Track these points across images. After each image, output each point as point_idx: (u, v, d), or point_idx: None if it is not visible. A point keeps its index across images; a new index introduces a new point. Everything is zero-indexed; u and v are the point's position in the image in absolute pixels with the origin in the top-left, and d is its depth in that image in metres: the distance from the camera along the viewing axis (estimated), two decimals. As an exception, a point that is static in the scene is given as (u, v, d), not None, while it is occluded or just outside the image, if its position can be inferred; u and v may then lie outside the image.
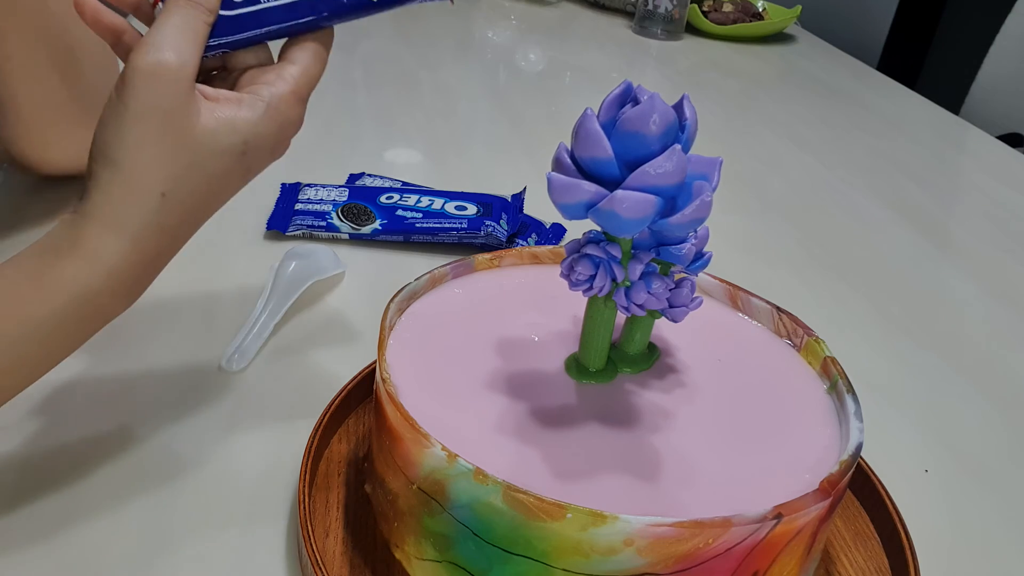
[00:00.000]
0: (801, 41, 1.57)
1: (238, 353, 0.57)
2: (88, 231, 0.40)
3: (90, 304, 0.41)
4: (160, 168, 0.40)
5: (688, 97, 0.39)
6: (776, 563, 0.37)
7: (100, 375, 0.55)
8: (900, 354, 0.68)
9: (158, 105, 0.39)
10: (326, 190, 0.75)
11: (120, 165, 0.40)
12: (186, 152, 0.40)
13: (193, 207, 0.42)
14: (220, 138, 0.41)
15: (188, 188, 0.41)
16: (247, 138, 0.42)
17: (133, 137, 0.39)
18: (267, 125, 0.42)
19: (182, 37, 0.40)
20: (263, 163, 0.44)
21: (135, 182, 0.40)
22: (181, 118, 0.40)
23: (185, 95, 0.40)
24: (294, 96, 0.43)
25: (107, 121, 0.40)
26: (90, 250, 0.40)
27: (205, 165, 0.41)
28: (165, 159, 0.40)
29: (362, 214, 0.72)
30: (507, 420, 0.41)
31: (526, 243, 0.74)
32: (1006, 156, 1.14)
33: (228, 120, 0.41)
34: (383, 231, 0.72)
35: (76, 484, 0.47)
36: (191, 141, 0.40)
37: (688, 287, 0.43)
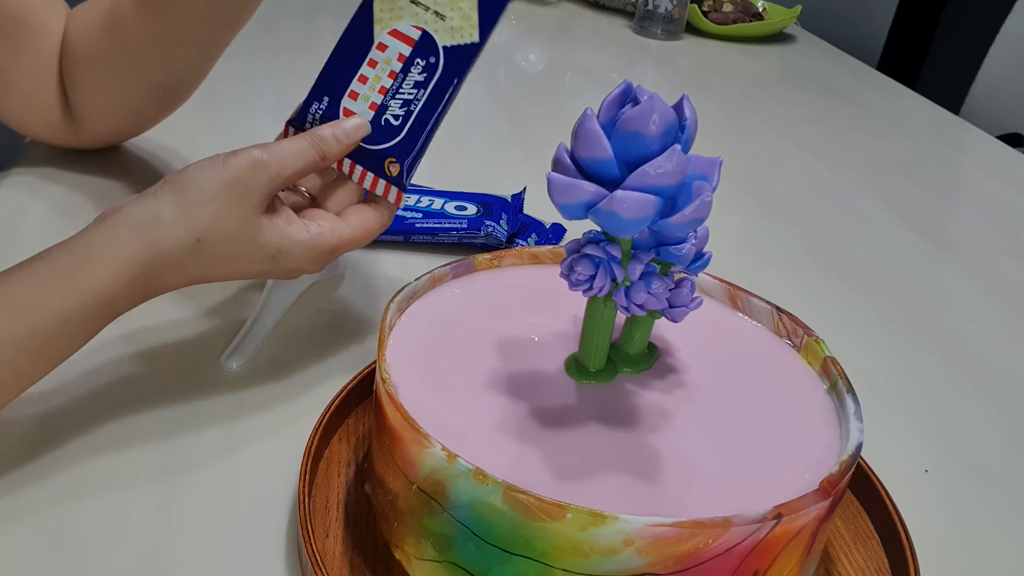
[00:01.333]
0: (801, 41, 1.57)
1: (238, 353, 0.57)
2: (123, 235, 0.46)
3: (110, 306, 0.47)
4: (211, 221, 0.47)
5: (688, 97, 0.39)
6: (776, 563, 0.37)
7: (100, 375, 0.55)
8: (900, 354, 0.68)
9: (245, 183, 0.47)
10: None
11: (186, 199, 0.47)
12: (236, 225, 0.48)
13: (212, 264, 0.49)
14: (264, 235, 0.49)
15: (218, 250, 0.48)
16: (281, 249, 0.49)
17: (210, 190, 0.47)
18: (300, 251, 0.50)
19: (292, 157, 0.49)
20: (279, 274, 0.51)
21: (186, 217, 0.47)
22: (253, 204, 0.48)
23: (267, 193, 0.48)
24: (331, 249, 0.51)
25: (201, 168, 0.48)
26: (119, 258, 0.46)
27: (241, 245, 0.48)
28: (219, 218, 0.47)
29: None
30: (507, 420, 0.41)
31: (526, 243, 0.74)
32: (1006, 156, 1.14)
33: (277, 227, 0.49)
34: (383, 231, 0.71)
35: (75, 484, 0.47)
36: (245, 222, 0.48)
37: (688, 287, 0.43)
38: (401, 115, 0.52)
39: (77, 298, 0.45)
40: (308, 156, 0.50)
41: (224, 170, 0.48)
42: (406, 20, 0.51)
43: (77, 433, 0.50)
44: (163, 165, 0.81)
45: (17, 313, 0.45)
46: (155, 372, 0.56)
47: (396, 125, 0.52)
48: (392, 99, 0.52)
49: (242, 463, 0.50)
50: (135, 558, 0.43)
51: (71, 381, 0.54)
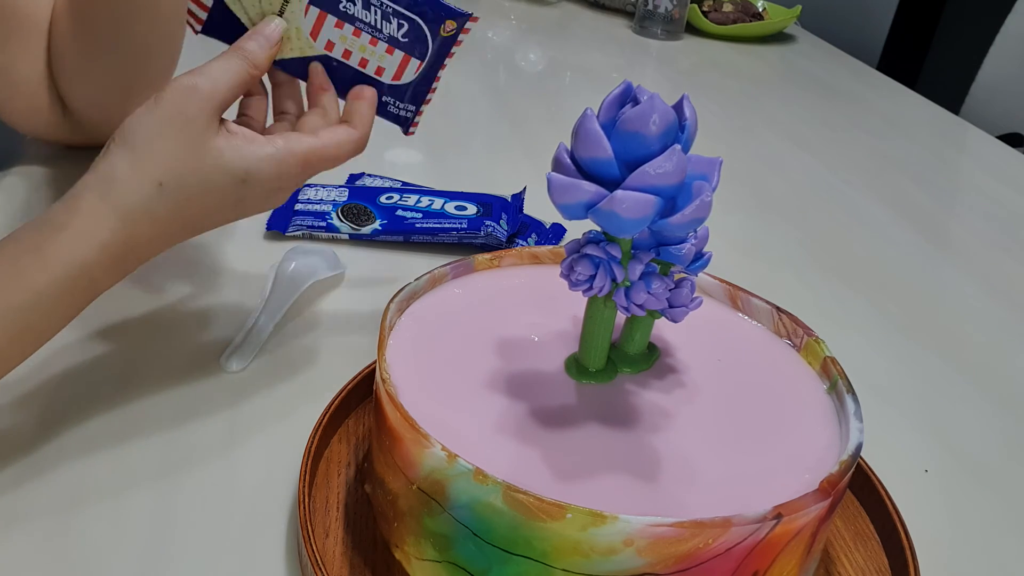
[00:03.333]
0: (801, 41, 1.57)
1: (238, 353, 0.57)
2: (85, 201, 0.45)
3: (85, 276, 0.45)
4: (165, 160, 0.45)
5: (688, 97, 0.39)
6: (776, 563, 0.37)
7: (100, 375, 0.55)
8: (900, 354, 0.68)
9: (183, 112, 0.46)
10: (326, 190, 0.75)
11: (133, 148, 0.45)
12: (192, 157, 0.46)
13: (184, 206, 0.47)
14: (225, 158, 0.47)
15: (184, 187, 0.46)
16: (248, 168, 0.47)
17: (154, 130, 0.45)
18: (268, 166, 0.48)
19: (223, 74, 0.47)
20: (257, 201, 0.49)
21: (140, 165, 0.45)
22: (199, 130, 0.46)
23: (208, 114, 0.46)
24: (302, 159, 0.49)
25: (139, 115, 0.46)
26: (85, 224, 0.44)
27: (205, 175, 0.46)
28: (172, 154, 0.45)
29: (362, 214, 0.72)
30: (507, 420, 0.41)
31: (526, 243, 0.74)
32: (1006, 156, 1.14)
33: (237, 147, 0.47)
34: (383, 231, 0.72)
35: (75, 484, 0.47)
36: (200, 150, 0.46)
37: (688, 287, 0.43)
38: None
39: (49, 271, 0.44)
40: (237, 69, 0.48)
41: (158, 107, 0.46)
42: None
43: (77, 433, 0.50)
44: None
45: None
46: (155, 372, 0.56)
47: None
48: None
49: (242, 463, 0.50)
50: (135, 558, 0.43)
51: (71, 381, 0.54)
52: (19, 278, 0.43)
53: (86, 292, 0.46)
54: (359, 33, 0.52)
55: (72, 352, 0.56)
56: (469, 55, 1.32)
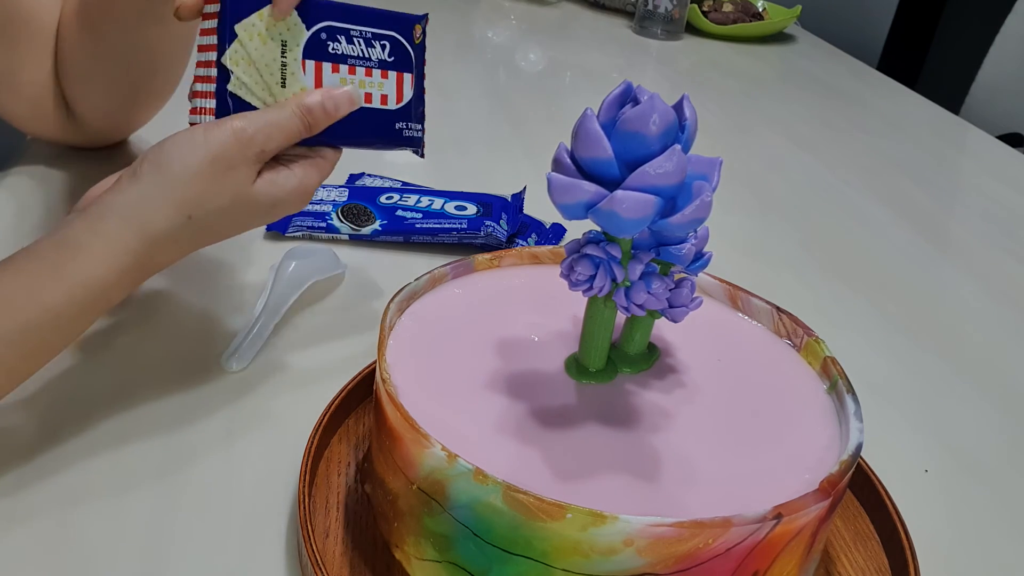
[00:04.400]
0: (801, 41, 1.57)
1: (238, 353, 0.57)
2: (110, 224, 0.45)
3: (103, 296, 0.46)
4: (199, 198, 0.47)
5: (688, 97, 0.39)
6: (776, 563, 0.37)
7: (100, 375, 0.55)
8: (900, 354, 0.68)
9: (229, 159, 0.47)
10: (326, 190, 0.75)
11: (170, 179, 0.46)
12: (226, 199, 0.48)
13: (207, 235, 0.49)
14: (259, 196, 0.49)
15: (211, 222, 0.48)
16: (276, 201, 0.50)
17: (194, 167, 0.46)
18: (294, 196, 0.50)
19: (277, 132, 0.48)
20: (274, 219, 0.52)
21: (173, 197, 0.46)
22: (239, 180, 0.48)
23: (252, 165, 0.48)
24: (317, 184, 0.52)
25: (180, 142, 0.47)
26: (109, 248, 0.45)
27: (235, 214, 0.49)
28: (207, 193, 0.47)
29: (362, 215, 0.72)
30: (507, 420, 0.41)
31: (526, 243, 0.74)
32: (1006, 156, 1.14)
33: (269, 184, 0.49)
34: (383, 232, 0.72)
35: (76, 484, 0.47)
36: (236, 195, 0.48)
37: (688, 287, 0.43)
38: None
39: (68, 292, 0.44)
40: (293, 128, 0.49)
41: (206, 145, 0.46)
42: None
43: (77, 433, 0.50)
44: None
45: (7, 310, 0.44)
46: (155, 372, 0.56)
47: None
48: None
49: (242, 463, 0.50)
50: (135, 558, 0.43)
51: (71, 382, 0.54)
52: (38, 297, 0.44)
53: (101, 309, 0.47)
54: (354, 70, 0.52)
55: (72, 352, 0.56)
56: (469, 55, 1.32)
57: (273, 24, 0.49)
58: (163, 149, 0.47)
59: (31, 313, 0.44)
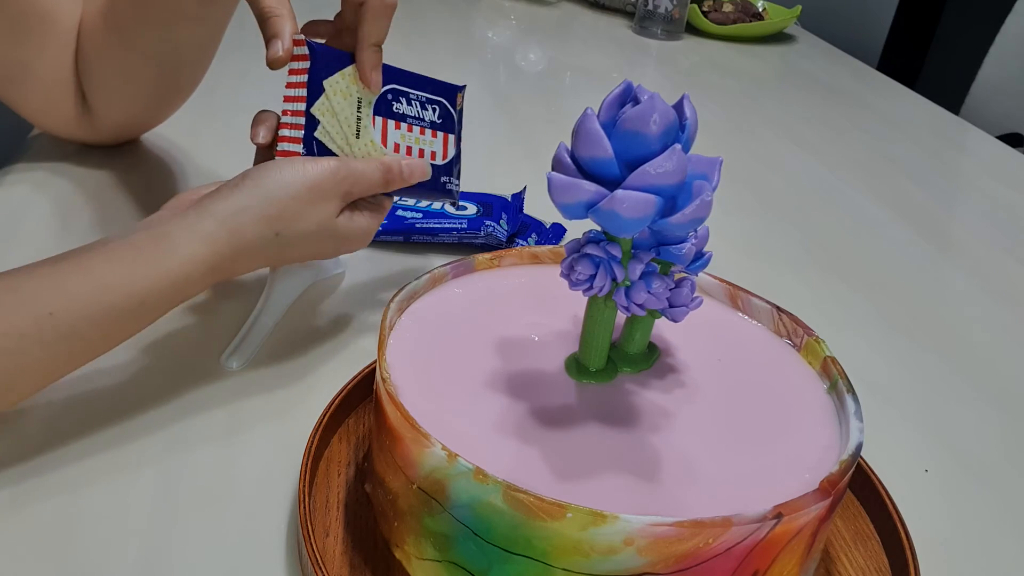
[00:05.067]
0: (801, 41, 1.57)
1: (238, 353, 0.57)
2: (207, 226, 0.49)
3: (183, 291, 0.50)
4: (291, 218, 0.51)
5: (688, 97, 0.39)
6: (776, 563, 0.37)
7: (100, 374, 0.55)
8: (900, 354, 0.68)
9: (324, 190, 0.52)
10: None
11: (269, 198, 0.51)
12: (315, 224, 0.52)
13: (287, 254, 0.53)
14: (340, 230, 0.54)
15: (294, 242, 0.52)
16: (348, 236, 0.55)
17: (292, 191, 0.51)
18: (361, 235, 0.56)
19: (363, 179, 0.54)
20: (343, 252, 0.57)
21: (268, 213, 0.51)
22: (328, 211, 0.53)
23: (341, 200, 0.54)
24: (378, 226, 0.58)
25: (283, 165, 0.52)
26: (202, 247, 0.49)
27: (318, 238, 0.53)
28: (300, 217, 0.52)
29: None
30: (507, 420, 0.41)
31: (526, 243, 0.74)
32: (1006, 156, 1.14)
33: (347, 221, 0.54)
34: (383, 231, 0.71)
35: (75, 484, 0.47)
36: (324, 222, 0.53)
37: (688, 287, 0.43)
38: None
39: (157, 282, 0.48)
40: (375, 181, 0.55)
41: (305, 172, 0.52)
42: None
43: (77, 432, 0.50)
44: (164, 162, 0.81)
45: (99, 291, 0.47)
46: (155, 371, 0.56)
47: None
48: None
49: (242, 463, 0.50)
50: (135, 557, 0.43)
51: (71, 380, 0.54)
52: (129, 283, 0.47)
53: (177, 302, 0.50)
54: (412, 128, 0.59)
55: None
56: (469, 55, 1.32)
57: (354, 83, 0.56)
58: (267, 168, 0.52)
59: (119, 296, 0.47)
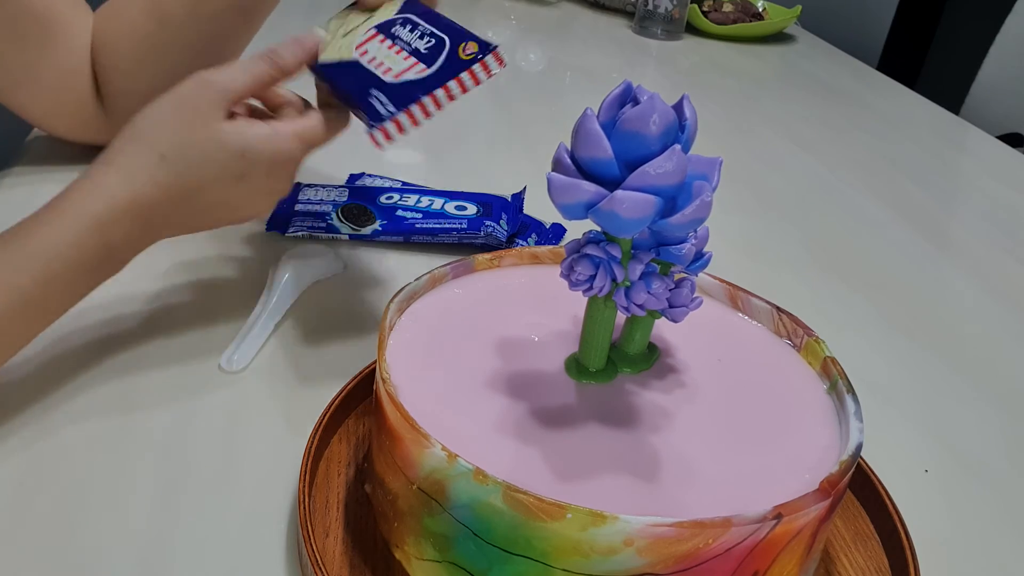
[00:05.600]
0: (801, 41, 1.57)
1: (238, 353, 0.57)
2: (97, 169, 0.49)
3: (98, 232, 0.48)
4: (168, 137, 0.50)
5: (688, 97, 0.39)
6: (776, 563, 0.37)
7: (100, 375, 0.55)
8: (900, 354, 0.68)
9: (193, 102, 0.50)
10: (326, 190, 0.75)
11: (141, 131, 0.50)
12: (194, 135, 0.50)
13: (185, 174, 0.50)
14: (224, 136, 0.50)
15: (185, 158, 0.50)
16: (246, 144, 0.51)
17: (161, 117, 0.50)
18: (265, 144, 0.51)
19: (241, 73, 0.52)
20: (260, 179, 0.52)
21: (145, 141, 0.50)
22: (204, 117, 0.50)
23: (216, 105, 0.50)
24: (296, 136, 0.52)
25: (148, 107, 0.51)
26: (95, 183, 0.49)
27: (205, 149, 0.50)
28: (175, 132, 0.50)
29: (362, 215, 0.72)
30: (507, 420, 0.41)
31: (526, 243, 0.74)
32: (1006, 156, 1.14)
33: (236, 127, 0.51)
34: (383, 232, 0.71)
35: (75, 484, 0.47)
36: (202, 130, 0.50)
37: (688, 287, 0.43)
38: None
39: (72, 226, 0.47)
40: (258, 68, 0.52)
41: (171, 96, 0.50)
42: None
43: (77, 432, 0.50)
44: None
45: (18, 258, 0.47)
46: (155, 372, 0.56)
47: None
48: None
49: (242, 463, 0.50)
50: (135, 558, 0.43)
51: (71, 380, 0.54)
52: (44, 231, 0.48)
53: (101, 252, 0.49)
54: (392, 46, 0.55)
55: (72, 352, 0.56)
56: (469, 55, 1.32)
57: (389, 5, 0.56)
58: (135, 117, 0.51)
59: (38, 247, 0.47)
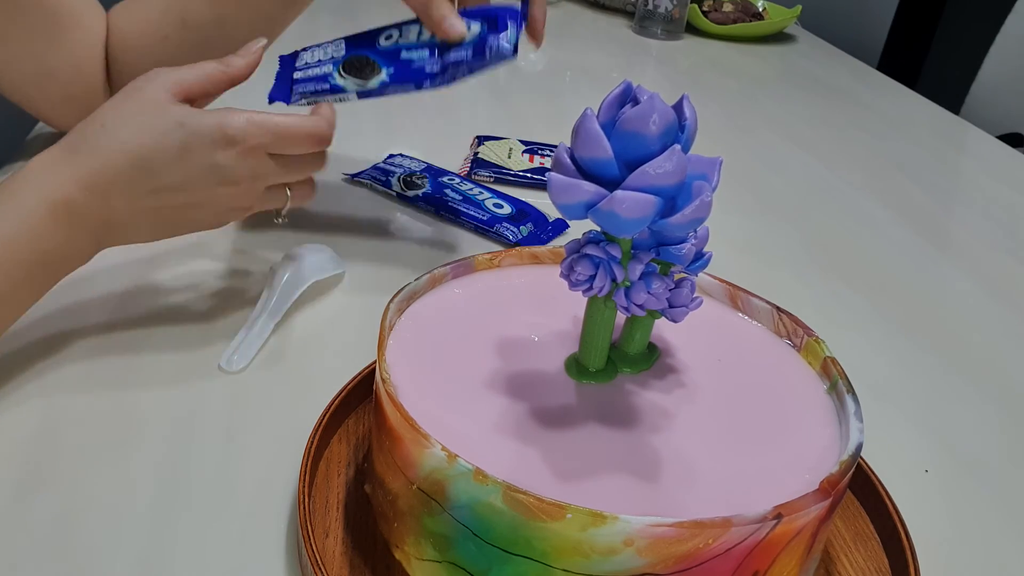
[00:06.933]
0: (801, 41, 1.57)
1: (238, 353, 0.57)
2: (50, 149, 0.51)
3: (59, 208, 0.50)
4: (110, 109, 0.52)
5: (688, 97, 0.39)
6: (776, 563, 0.37)
7: (100, 375, 0.55)
8: (900, 354, 0.68)
9: (140, 88, 0.53)
10: (322, 49, 0.65)
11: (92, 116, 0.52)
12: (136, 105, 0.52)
13: (125, 140, 0.51)
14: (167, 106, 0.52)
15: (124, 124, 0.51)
16: (187, 113, 0.52)
17: (109, 102, 0.53)
18: (208, 115, 0.52)
19: (191, 69, 0.54)
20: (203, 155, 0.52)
21: (91, 118, 0.52)
22: (149, 98, 0.52)
23: (163, 91, 0.53)
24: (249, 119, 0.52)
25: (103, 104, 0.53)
26: (46, 160, 0.51)
27: (144, 116, 0.51)
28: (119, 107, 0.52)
29: (365, 66, 0.63)
30: (507, 420, 0.41)
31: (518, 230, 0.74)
32: (1006, 156, 1.14)
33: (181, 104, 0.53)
34: (392, 82, 0.62)
35: (75, 484, 0.47)
36: (146, 104, 0.52)
37: (688, 287, 0.43)
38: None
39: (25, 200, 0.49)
40: (209, 66, 0.55)
41: (121, 91, 0.53)
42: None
43: (77, 432, 0.50)
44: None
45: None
46: (155, 372, 0.56)
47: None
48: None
49: (242, 463, 0.50)
50: (135, 558, 0.43)
51: (71, 380, 0.54)
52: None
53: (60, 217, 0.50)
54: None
55: (72, 352, 0.56)
56: (469, 55, 1.32)
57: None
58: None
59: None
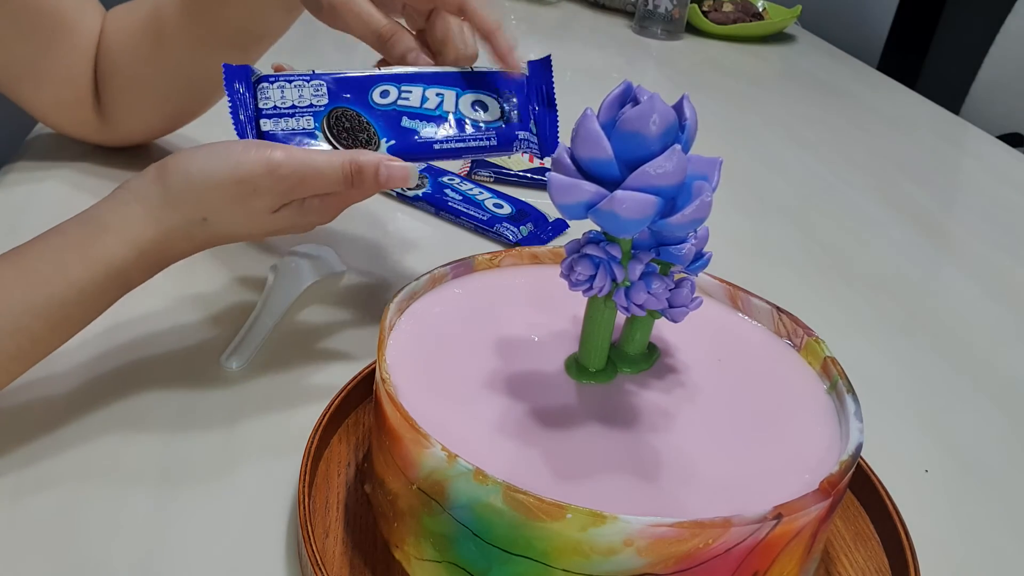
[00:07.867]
0: (801, 41, 1.57)
1: (238, 353, 0.57)
2: (133, 210, 0.48)
3: (122, 276, 0.48)
4: (219, 207, 0.48)
5: (688, 97, 0.39)
6: (776, 563, 0.37)
7: (100, 374, 0.55)
8: (900, 354, 0.68)
9: (255, 187, 0.47)
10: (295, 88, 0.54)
11: (192, 185, 0.48)
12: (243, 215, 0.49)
13: (218, 235, 0.50)
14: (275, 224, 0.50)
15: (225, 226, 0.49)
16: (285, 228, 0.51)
17: (218, 182, 0.47)
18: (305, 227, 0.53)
19: (315, 176, 0.48)
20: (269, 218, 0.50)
21: (193, 199, 0.48)
22: (260, 205, 0.48)
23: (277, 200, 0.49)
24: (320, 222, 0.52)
25: (211, 157, 0.48)
26: (129, 231, 0.48)
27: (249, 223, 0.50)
28: (226, 207, 0.48)
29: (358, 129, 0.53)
30: (507, 420, 0.41)
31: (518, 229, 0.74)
32: (1006, 156, 1.14)
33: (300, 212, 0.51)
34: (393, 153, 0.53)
35: (75, 484, 0.47)
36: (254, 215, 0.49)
37: (688, 287, 0.43)
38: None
39: (91, 268, 0.47)
40: (333, 180, 0.48)
41: (236, 166, 0.47)
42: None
43: (77, 433, 0.50)
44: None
45: (36, 283, 0.46)
46: (155, 372, 0.56)
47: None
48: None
49: (242, 463, 0.50)
50: (135, 558, 0.43)
51: (71, 380, 0.54)
52: (63, 271, 0.47)
53: (120, 289, 0.49)
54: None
55: (72, 352, 0.56)
56: (469, 55, 1.32)
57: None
58: (194, 155, 0.48)
59: (57, 287, 0.46)
